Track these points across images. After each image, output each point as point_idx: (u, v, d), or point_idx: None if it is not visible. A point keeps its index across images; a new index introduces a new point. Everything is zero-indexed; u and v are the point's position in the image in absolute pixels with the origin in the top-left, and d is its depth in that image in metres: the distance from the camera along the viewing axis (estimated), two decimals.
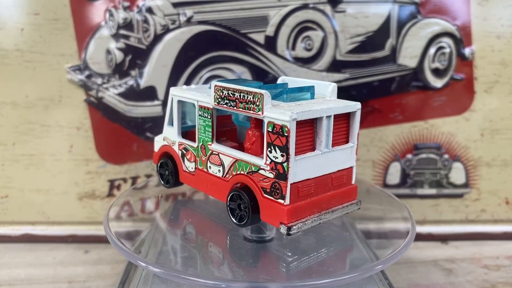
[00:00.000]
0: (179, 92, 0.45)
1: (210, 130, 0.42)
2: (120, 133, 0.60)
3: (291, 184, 0.36)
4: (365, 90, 0.60)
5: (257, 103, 0.37)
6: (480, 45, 0.59)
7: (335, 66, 0.59)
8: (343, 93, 0.59)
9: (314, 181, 0.38)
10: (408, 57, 0.60)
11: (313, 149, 0.38)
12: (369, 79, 0.60)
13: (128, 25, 0.57)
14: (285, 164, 0.35)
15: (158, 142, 0.49)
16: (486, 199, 0.63)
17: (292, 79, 0.44)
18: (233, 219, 0.39)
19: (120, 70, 0.58)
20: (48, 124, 0.59)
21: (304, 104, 0.38)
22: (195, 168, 0.44)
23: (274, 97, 0.39)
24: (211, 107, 0.41)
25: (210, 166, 0.42)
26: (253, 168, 0.38)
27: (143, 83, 0.59)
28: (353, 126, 0.40)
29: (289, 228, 0.36)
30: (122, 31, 0.57)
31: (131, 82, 0.59)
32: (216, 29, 0.58)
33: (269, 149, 0.36)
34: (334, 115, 0.38)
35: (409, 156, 0.62)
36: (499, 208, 0.63)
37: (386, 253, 0.38)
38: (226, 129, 0.45)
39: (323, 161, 0.38)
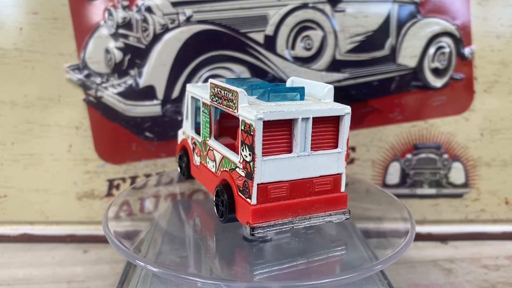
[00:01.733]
0: (192, 89, 0.46)
1: (209, 126, 0.42)
2: (119, 133, 0.60)
3: (258, 184, 0.36)
4: (364, 90, 0.60)
5: (234, 101, 0.37)
6: (479, 45, 0.59)
7: (335, 65, 0.59)
8: (343, 92, 0.60)
9: (288, 184, 0.37)
10: (407, 57, 0.60)
11: (291, 151, 0.37)
12: (368, 78, 0.60)
13: (127, 24, 0.57)
14: (251, 164, 0.35)
15: (180, 136, 0.50)
16: (486, 199, 0.63)
17: (301, 80, 0.44)
18: (217, 215, 0.40)
19: (119, 70, 0.58)
20: (47, 123, 0.59)
21: (284, 104, 0.37)
22: (200, 162, 0.45)
23: (260, 97, 0.39)
24: (209, 103, 0.42)
25: (208, 161, 0.43)
26: (232, 166, 0.38)
27: (142, 82, 0.58)
28: (341, 131, 0.38)
29: (252, 229, 0.36)
30: (121, 31, 0.57)
31: (130, 81, 0.58)
32: (215, 29, 0.58)
33: (242, 147, 0.36)
34: (317, 118, 0.36)
35: (408, 156, 0.62)
36: (499, 208, 0.63)
37: (386, 253, 0.38)
38: (232, 126, 0.45)
39: (300, 165, 0.37)
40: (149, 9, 0.57)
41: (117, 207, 0.50)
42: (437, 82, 0.60)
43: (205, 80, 0.59)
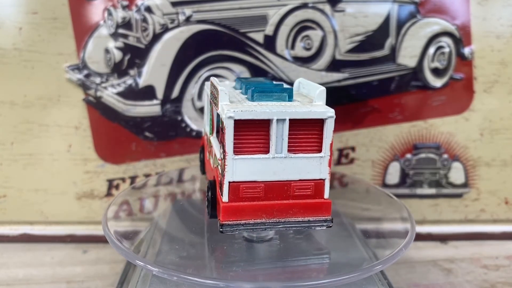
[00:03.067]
0: (207, 87, 0.47)
1: (211, 122, 0.43)
2: (119, 133, 0.59)
3: (229, 182, 0.36)
4: (364, 90, 0.60)
5: (217, 99, 0.37)
6: (479, 45, 0.59)
7: (335, 65, 0.59)
8: (343, 92, 0.60)
9: (264, 185, 0.36)
10: (407, 57, 0.60)
11: (268, 152, 0.36)
12: (368, 78, 0.60)
13: (127, 24, 0.57)
14: (223, 161, 0.36)
15: (203, 132, 0.52)
16: (486, 199, 0.63)
17: (308, 82, 0.44)
18: (206, 209, 0.40)
19: (118, 70, 0.58)
20: (46, 123, 0.59)
21: (264, 105, 0.37)
22: (207, 158, 0.46)
23: (248, 96, 0.38)
24: (211, 101, 0.42)
25: (210, 158, 0.43)
26: (218, 163, 0.38)
27: (142, 82, 0.58)
28: (324, 135, 0.37)
29: (221, 225, 0.36)
30: (121, 30, 0.57)
31: (129, 81, 0.58)
32: (215, 28, 0.58)
33: (220, 145, 0.37)
34: (297, 120, 0.36)
35: (408, 156, 0.62)
36: (499, 208, 0.63)
37: (386, 253, 0.38)
38: None
39: (276, 166, 0.36)
40: (148, 9, 0.57)
41: (117, 207, 0.50)
42: (437, 82, 0.60)
43: (205, 81, 0.59)
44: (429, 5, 0.58)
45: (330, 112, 0.36)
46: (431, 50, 0.59)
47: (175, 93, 0.59)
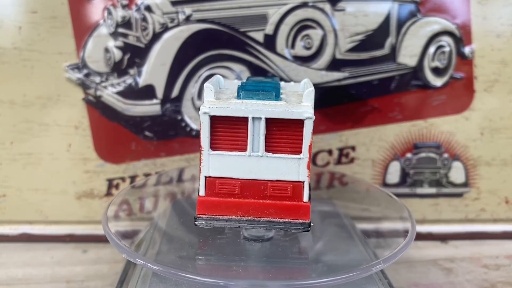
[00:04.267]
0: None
1: None
2: (119, 132, 0.59)
3: (206, 177, 0.37)
4: (364, 89, 0.60)
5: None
6: (480, 44, 0.59)
7: (335, 64, 0.59)
8: (343, 92, 0.59)
9: (240, 182, 0.37)
10: (407, 56, 0.59)
11: (246, 149, 0.37)
12: (368, 78, 0.60)
13: (126, 23, 0.57)
14: (200, 156, 0.36)
15: None
16: (486, 198, 0.63)
17: (311, 83, 0.44)
18: None
19: (118, 69, 0.58)
20: (46, 123, 0.59)
21: (245, 102, 0.36)
22: None
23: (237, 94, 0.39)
24: None
25: None
26: None
27: (142, 81, 0.58)
28: (304, 136, 0.36)
29: (195, 218, 0.37)
30: (120, 30, 0.57)
31: (129, 80, 0.58)
32: (215, 28, 0.58)
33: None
34: (276, 119, 0.36)
35: (408, 155, 0.62)
36: (499, 208, 0.63)
37: (386, 253, 0.38)
38: None
39: (252, 165, 0.36)
40: (148, 8, 0.57)
41: (117, 206, 0.50)
42: (437, 81, 0.60)
43: (204, 80, 0.58)
44: (429, 4, 0.58)
45: (308, 113, 0.35)
46: (432, 49, 0.59)
47: (175, 92, 0.59)
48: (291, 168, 0.36)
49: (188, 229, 0.46)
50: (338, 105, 0.60)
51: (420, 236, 0.62)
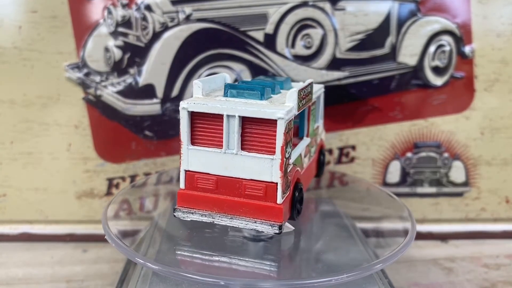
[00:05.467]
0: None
1: None
2: (119, 132, 0.59)
3: (185, 170, 0.38)
4: (364, 88, 0.60)
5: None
6: (480, 44, 0.59)
7: (335, 64, 0.59)
8: (343, 91, 0.59)
9: (216, 178, 0.37)
10: (408, 55, 0.59)
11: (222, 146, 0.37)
12: (368, 77, 0.60)
13: (126, 23, 0.57)
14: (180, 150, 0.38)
15: None
16: (486, 198, 0.63)
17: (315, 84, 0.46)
18: None
19: (118, 68, 0.58)
20: (46, 122, 0.59)
21: (228, 100, 0.37)
22: None
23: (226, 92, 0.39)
24: None
25: None
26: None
27: (142, 81, 0.58)
28: (277, 137, 0.35)
29: (174, 210, 0.38)
30: (120, 29, 0.57)
31: (129, 80, 0.58)
32: (215, 27, 0.57)
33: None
34: (252, 118, 0.36)
35: (409, 154, 0.62)
36: (499, 207, 0.63)
37: (386, 252, 0.38)
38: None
39: (227, 162, 0.36)
40: (148, 8, 0.57)
41: (117, 205, 0.50)
42: (437, 81, 0.60)
43: None
44: (429, 4, 0.58)
45: (279, 113, 0.34)
46: (432, 48, 0.59)
47: (175, 92, 0.59)
48: (264, 168, 0.36)
49: (188, 229, 0.46)
50: (338, 105, 0.60)
51: (421, 236, 0.62)
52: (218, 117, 0.36)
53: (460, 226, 0.63)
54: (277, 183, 0.36)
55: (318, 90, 0.48)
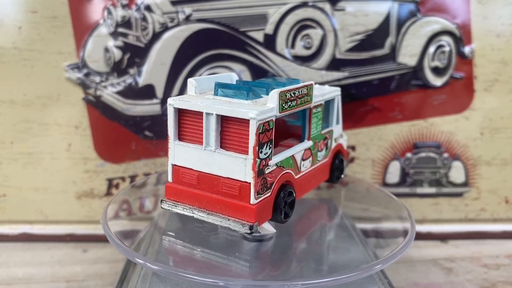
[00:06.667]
0: None
1: None
2: (119, 132, 0.59)
3: (172, 164, 0.39)
4: (364, 89, 0.60)
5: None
6: (480, 44, 0.59)
7: (335, 64, 0.59)
8: (343, 91, 0.59)
9: (197, 174, 0.38)
10: (407, 56, 0.59)
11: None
12: (368, 77, 0.60)
13: (126, 23, 0.57)
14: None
15: None
16: (486, 198, 0.63)
17: (317, 86, 0.46)
18: None
19: (118, 68, 0.58)
20: (46, 122, 0.59)
21: (215, 99, 0.38)
22: None
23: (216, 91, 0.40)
24: None
25: None
26: None
27: (142, 81, 0.58)
28: (249, 137, 0.35)
29: (161, 201, 0.40)
30: (120, 29, 0.57)
31: (129, 80, 0.58)
32: (215, 27, 0.57)
33: None
34: (229, 117, 0.36)
35: (408, 155, 0.62)
36: (499, 207, 0.63)
37: (386, 253, 0.38)
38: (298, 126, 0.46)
39: (207, 159, 0.37)
40: (148, 8, 0.57)
41: (117, 205, 0.50)
42: (437, 81, 0.60)
43: None
44: (429, 4, 0.58)
45: (252, 113, 0.34)
46: (431, 49, 0.59)
47: (175, 92, 0.59)
48: (239, 167, 0.36)
49: (188, 228, 0.46)
50: None
51: (420, 236, 0.62)
52: (200, 115, 0.37)
53: (460, 226, 0.63)
54: (250, 183, 0.36)
55: (330, 93, 0.46)
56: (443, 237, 0.63)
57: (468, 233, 0.63)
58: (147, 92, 0.59)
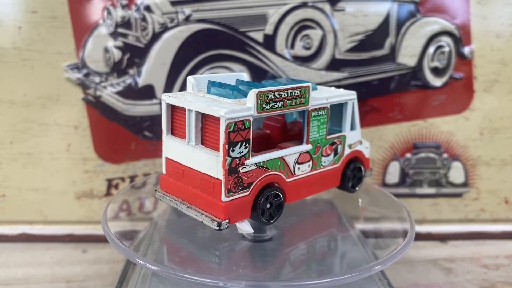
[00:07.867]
0: None
1: None
2: (118, 132, 0.59)
3: (165, 157, 0.41)
4: (364, 89, 0.60)
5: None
6: (479, 44, 0.59)
7: (334, 65, 0.59)
8: None
9: (183, 168, 0.39)
10: (407, 56, 0.59)
11: None
12: (368, 78, 0.60)
13: (126, 23, 0.57)
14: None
15: None
16: (485, 198, 0.63)
17: (321, 87, 0.46)
18: None
19: (118, 69, 0.58)
20: (45, 122, 0.59)
21: (205, 96, 0.39)
22: None
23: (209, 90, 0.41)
24: None
25: None
26: None
27: (141, 81, 0.58)
28: (220, 135, 0.35)
29: (155, 191, 0.42)
30: (120, 30, 0.57)
31: (129, 80, 0.58)
32: (214, 28, 0.58)
33: None
34: (208, 115, 0.36)
35: (408, 155, 0.62)
36: (499, 208, 0.63)
37: (385, 253, 0.38)
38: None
39: (189, 154, 0.39)
40: (148, 8, 0.57)
41: (116, 206, 0.50)
42: (436, 81, 0.60)
43: None
44: (428, 4, 0.58)
45: (221, 111, 0.35)
46: (431, 49, 0.59)
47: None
48: (213, 164, 0.37)
49: (188, 228, 0.46)
50: None
51: (420, 236, 0.62)
52: (185, 111, 0.38)
53: (460, 227, 0.63)
54: (221, 180, 0.36)
55: (339, 96, 0.44)
56: (443, 238, 0.63)
57: (467, 233, 0.63)
58: (147, 92, 0.59)
